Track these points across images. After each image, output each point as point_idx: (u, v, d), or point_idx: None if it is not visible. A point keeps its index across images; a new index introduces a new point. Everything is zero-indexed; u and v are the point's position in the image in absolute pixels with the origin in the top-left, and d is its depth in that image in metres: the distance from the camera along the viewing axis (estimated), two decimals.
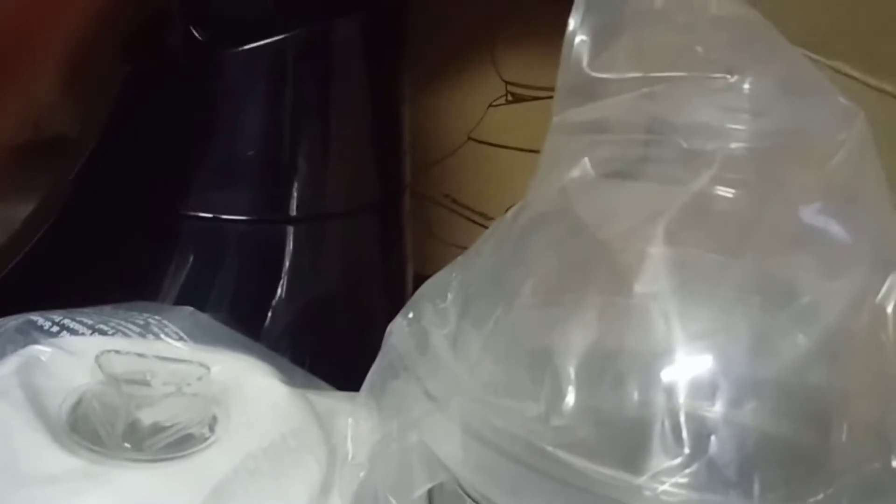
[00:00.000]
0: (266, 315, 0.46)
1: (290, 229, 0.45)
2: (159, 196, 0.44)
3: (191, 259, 0.45)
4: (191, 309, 0.38)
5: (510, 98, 0.60)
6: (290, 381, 0.35)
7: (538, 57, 0.57)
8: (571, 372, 0.28)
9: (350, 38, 0.46)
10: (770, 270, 0.29)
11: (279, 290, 0.46)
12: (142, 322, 0.36)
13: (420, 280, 0.35)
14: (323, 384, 0.38)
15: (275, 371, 0.35)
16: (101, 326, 0.36)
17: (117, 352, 0.33)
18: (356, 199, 0.47)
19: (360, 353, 0.33)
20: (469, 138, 0.60)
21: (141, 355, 0.33)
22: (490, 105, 0.60)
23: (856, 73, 0.40)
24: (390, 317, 0.32)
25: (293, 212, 0.45)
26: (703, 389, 0.27)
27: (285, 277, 0.45)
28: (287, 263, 0.45)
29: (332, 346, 0.48)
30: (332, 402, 0.36)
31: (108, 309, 0.37)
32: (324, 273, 0.47)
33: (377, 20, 0.47)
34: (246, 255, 0.45)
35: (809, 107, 0.30)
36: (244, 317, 0.45)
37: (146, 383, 0.33)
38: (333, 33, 0.45)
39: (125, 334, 0.35)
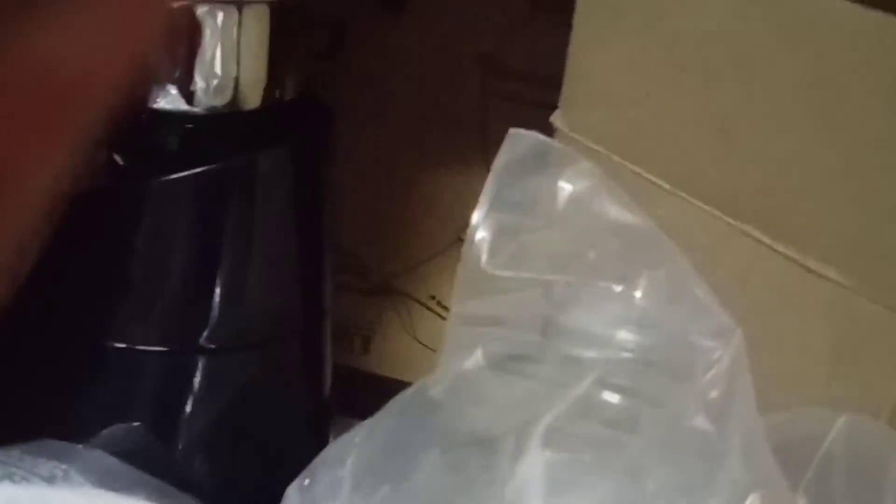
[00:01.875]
0: (180, 441, 0.46)
1: (206, 359, 0.46)
2: (77, 324, 0.45)
3: (108, 387, 0.45)
4: (99, 452, 0.39)
5: None
6: None
7: None
8: None
9: (272, 171, 0.47)
10: (639, 485, 0.31)
11: (196, 417, 0.46)
12: (48, 471, 0.37)
13: (400, 387, 0.36)
14: None
15: None
16: (11, 471, 0.37)
17: None
18: (274, 327, 0.48)
19: (277, 479, 0.34)
20: (458, 238, 0.58)
21: None
22: None
23: (764, 238, 0.42)
24: (307, 442, 0.32)
25: (208, 342, 0.45)
26: None
27: (202, 405, 0.46)
28: (202, 392, 0.46)
29: (248, 471, 0.49)
30: None
31: (16, 453, 0.38)
32: (240, 400, 0.48)
33: (299, 153, 0.48)
34: (162, 383, 0.46)
35: (691, 321, 0.32)
36: (159, 441, 0.45)
37: None
38: (256, 166, 0.46)
39: (31, 482, 0.36)
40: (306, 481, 0.35)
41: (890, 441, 0.33)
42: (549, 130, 0.41)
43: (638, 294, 0.32)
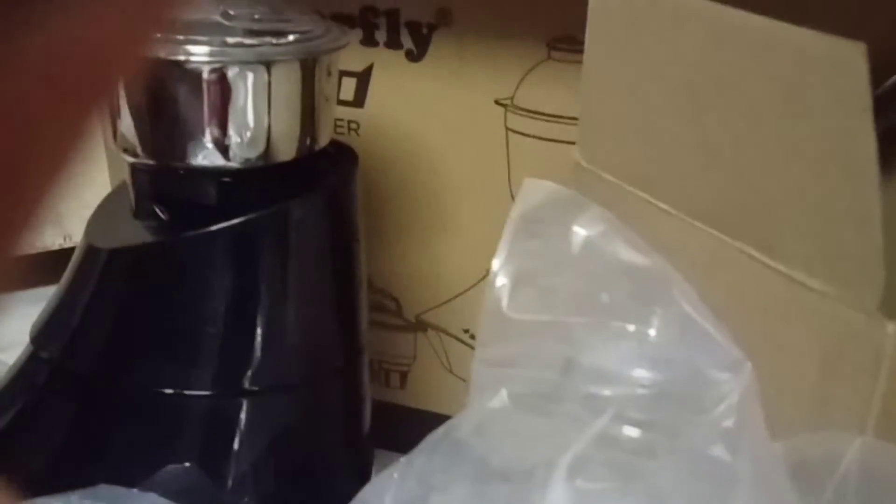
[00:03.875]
0: (228, 479, 0.48)
1: (250, 401, 0.48)
2: (129, 373, 0.47)
3: (159, 431, 0.48)
4: (153, 495, 0.41)
5: None
6: None
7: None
8: None
9: (305, 217, 0.49)
10: None
11: (243, 456, 0.48)
12: None
13: (439, 421, 0.37)
14: None
15: None
16: None
17: None
18: (313, 367, 0.50)
19: None
20: (487, 272, 0.59)
21: None
22: None
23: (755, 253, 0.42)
24: (349, 477, 0.34)
25: (252, 385, 0.48)
26: None
27: (248, 444, 0.48)
28: (248, 432, 0.48)
29: None
30: None
31: (74, 499, 0.40)
32: (284, 438, 0.50)
33: (329, 198, 0.50)
34: (209, 425, 0.48)
35: (704, 355, 0.34)
36: (209, 480, 0.48)
37: None
38: (290, 214, 0.48)
39: None
40: None
41: None
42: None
43: (651, 332, 0.34)
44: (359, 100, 0.57)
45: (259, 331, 0.49)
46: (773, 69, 0.35)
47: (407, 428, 0.45)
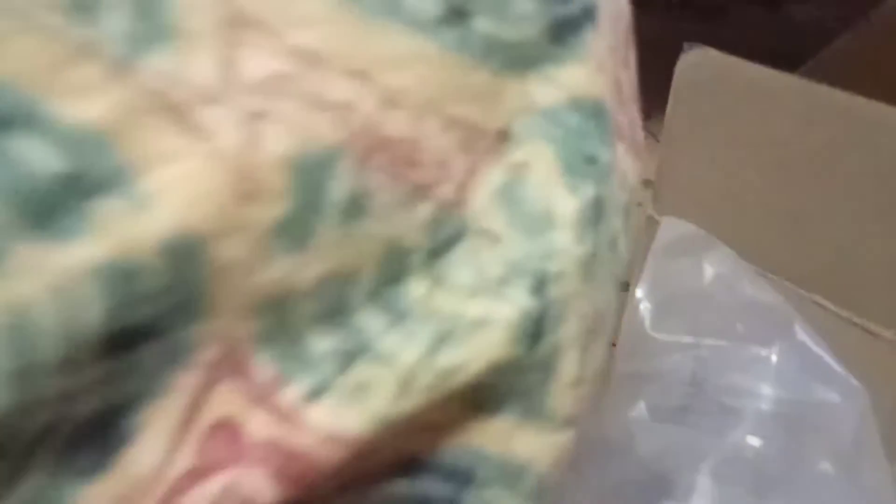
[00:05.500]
0: None
1: None
2: None
3: None
4: None
5: None
6: None
7: None
8: None
9: None
10: None
11: None
12: None
13: None
14: None
15: None
16: None
17: None
18: None
19: None
20: None
21: None
22: None
23: (829, 305, 0.48)
24: None
25: None
26: None
27: None
28: None
29: None
30: None
31: None
32: None
33: None
34: None
35: (826, 382, 0.38)
36: None
37: None
38: None
39: None
40: None
41: None
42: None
43: (775, 358, 0.39)
44: None
45: None
46: (861, 145, 0.40)
47: None
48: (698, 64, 0.48)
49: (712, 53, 0.47)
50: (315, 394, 0.21)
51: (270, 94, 0.20)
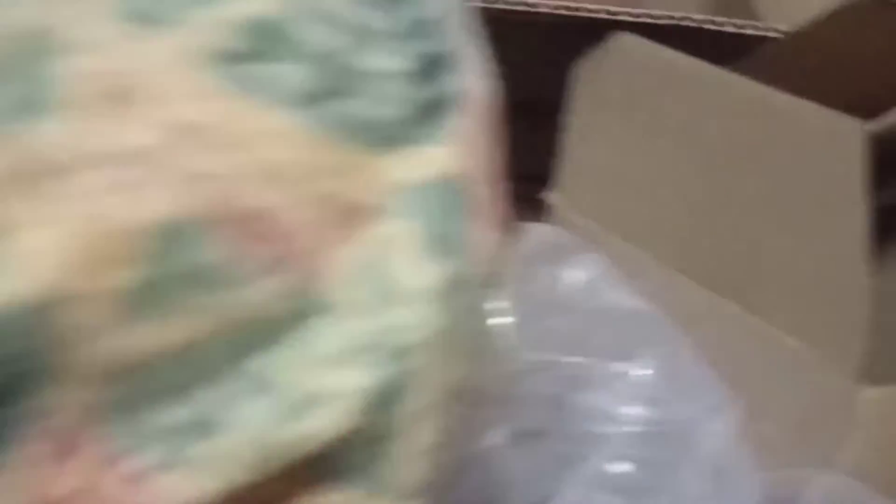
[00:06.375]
0: None
1: None
2: None
3: None
4: None
5: None
6: None
7: None
8: None
9: None
10: None
11: None
12: None
13: None
14: None
15: None
16: None
17: None
18: None
19: None
20: None
21: None
22: None
23: (737, 309, 0.46)
24: None
25: None
26: None
27: None
28: None
29: None
30: None
31: None
32: None
33: None
34: None
35: (692, 396, 0.36)
36: None
37: None
38: None
39: None
40: None
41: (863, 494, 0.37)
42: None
43: (640, 373, 0.36)
44: None
45: None
46: (776, 140, 0.38)
47: None
48: (624, 49, 0.46)
49: (638, 40, 0.46)
50: (166, 464, 0.21)
51: (137, 164, 0.21)
